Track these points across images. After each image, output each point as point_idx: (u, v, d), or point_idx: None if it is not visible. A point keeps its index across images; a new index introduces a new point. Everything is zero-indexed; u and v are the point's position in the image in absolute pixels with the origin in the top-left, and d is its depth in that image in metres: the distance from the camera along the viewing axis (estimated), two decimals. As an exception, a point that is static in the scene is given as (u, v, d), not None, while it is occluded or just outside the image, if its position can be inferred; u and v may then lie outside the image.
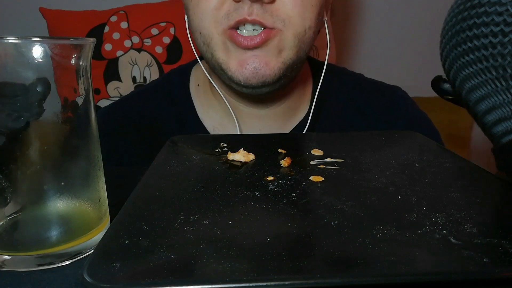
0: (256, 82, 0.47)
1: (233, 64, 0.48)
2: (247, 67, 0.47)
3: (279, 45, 0.47)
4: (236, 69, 0.48)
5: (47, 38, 0.24)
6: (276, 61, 0.48)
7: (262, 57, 0.47)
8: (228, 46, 0.48)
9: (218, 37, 0.48)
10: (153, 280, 0.20)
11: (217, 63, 0.49)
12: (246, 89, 0.50)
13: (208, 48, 0.49)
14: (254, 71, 0.47)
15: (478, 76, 0.29)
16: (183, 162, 0.38)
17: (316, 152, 0.40)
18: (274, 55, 0.47)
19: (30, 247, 0.25)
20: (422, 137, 0.46)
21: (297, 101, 0.59)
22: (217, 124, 0.59)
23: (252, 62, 0.47)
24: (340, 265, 0.21)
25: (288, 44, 0.48)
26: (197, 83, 0.61)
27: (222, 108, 0.58)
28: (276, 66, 0.47)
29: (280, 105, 0.57)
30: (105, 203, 0.29)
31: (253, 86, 0.48)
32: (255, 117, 0.57)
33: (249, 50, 0.47)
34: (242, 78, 0.47)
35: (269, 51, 0.47)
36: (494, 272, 0.21)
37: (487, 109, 0.29)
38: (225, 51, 0.48)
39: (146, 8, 1.15)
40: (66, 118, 0.26)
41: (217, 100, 0.59)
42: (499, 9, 0.26)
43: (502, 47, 0.26)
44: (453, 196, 0.30)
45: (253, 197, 0.30)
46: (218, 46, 0.48)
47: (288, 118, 0.59)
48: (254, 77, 0.47)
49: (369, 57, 1.43)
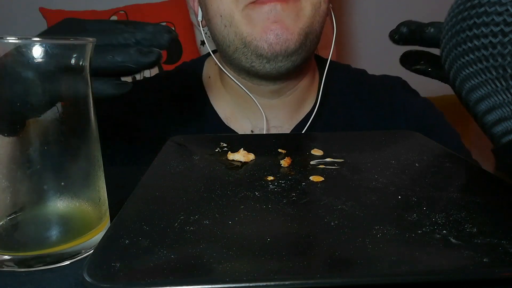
0: (280, 48, 0.50)
1: (258, 31, 0.50)
2: (270, 33, 0.50)
3: (298, 12, 0.51)
4: (261, 36, 0.50)
5: (47, 38, 0.24)
6: (295, 26, 0.50)
7: (282, 23, 0.50)
8: (251, 15, 0.50)
9: (239, 13, 0.50)
10: (153, 280, 0.20)
11: (240, 40, 0.51)
12: (269, 64, 0.52)
13: (230, 28, 0.52)
14: (277, 37, 0.50)
15: (478, 76, 0.29)
16: (183, 162, 0.38)
17: (316, 152, 0.40)
18: (293, 20, 0.50)
19: (30, 247, 0.25)
20: (422, 137, 0.46)
21: (305, 92, 0.61)
22: (229, 114, 0.61)
23: (275, 28, 0.50)
24: (340, 265, 0.22)
25: (306, 12, 0.51)
26: (208, 75, 0.64)
27: (234, 100, 0.60)
28: (296, 31, 0.50)
29: (291, 95, 0.59)
30: (105, 203, 0.29)
31: (276, 54, 0.50)
32: (267, 107, 0.59)
33: (272, 10, 0.49)
34: (267, 45, 0.50)
35: (289, 16, 0.50)
36: (494, 272, 0.21)
37: (487, 109, 0.29)
38: (248, 24, 0.50)
39: (146, 8, 1.15)
40: (66, 118, 0.26)
41: (227, 92, 0.61)
42: (499, 9, 0.26)
43: (502, 47, 0.26)
44: (453, 196, 0.30)
45: (253, 197, 0.30)
46: (240, 22, 0.51)
47: (296, 109, 0.61)
48: (278, 43, 0.50)
49: (369, 56, 1.43)
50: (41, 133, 0.25)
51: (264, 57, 0.51)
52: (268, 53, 0.50)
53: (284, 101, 0.60)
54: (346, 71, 0.68)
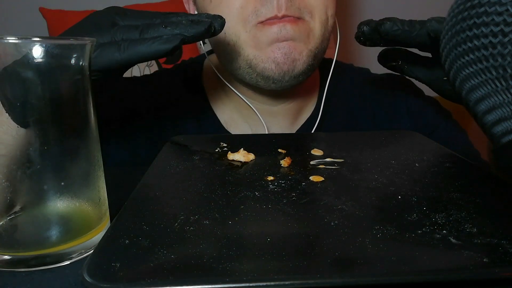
0: (288, 68, 0.48)
1: (265, 53, 0.48)
2: (278, 52, 0.48)
3: (308, 33, 0.49)
4: (268, 56, 0.48)
5: (47, 38, 0.24)
6: (305, 48, 0.49)
7: (292, 43, 0.48)
8: (259, 37, 0.48)
9: (246, 34, 0.48)
10: (153, 280, 0.20)
11: (245, 62, 0.50)
12: (275, 84, 0.50)
13: (234, 47, 0.50)
14: (286, 56, 0.48)
15: (478, 76, 0.29)
16: (183, 162, 0.38)
17: (316, 152, 0.40)
18: (303, 41, 0.49)
19: (30, 247, 0.25)
20: (422, 137, 0.46)
21: (307, 96, 0.60)
22: (227, 118, 0.59)
23: (283, 46, 0.48)
24: (340, 265, 0.22)
25: (316, 33, 0.50)
26: (208, 77, 0.62)
27: (233, 104, 0.59)
28: (304, 52, 0.49)
29: (291, 102, 0.58)
30: (105, 203, 0.29)
31: (283, 74, 0.49)
32: (267, 113, 0.58)
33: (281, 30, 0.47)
34: (275, 65, 0.48)
35: (299, 36, 0.48)
36: (494, 272, 0.21)
37: (487, 109, 0.29)
38: (255, 47, 0.49)
39: (146, 8, 1.15)
40: (66, 118, 0.26)
41: (227, 96, 0.59)
42: (499, 9, 0.26)
43: (502, 47, 0.26)
44: (453, 196, 0.30)
45: (253, 197, 0.30)
46: (246, 44, 0.49)
47: (297, 114, 0.60)
48: (286, 63, 0.48)
49: (369, 56, 1.43)
50: (41, 133, 0.25)
51: (271, 78, 0.49)
52: (275, 73, 0.48)
53: (285, 108, 0.58)
54: (349, 70, 0.66)
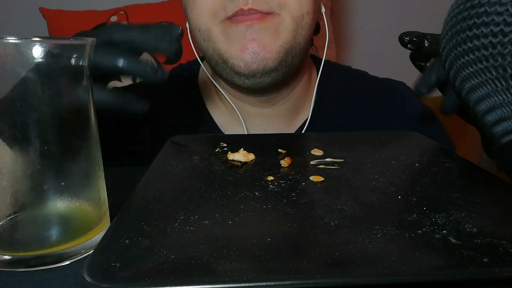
0: (257, 67, 0.48)
1: (234, 50, 0.48)
2: (246, 52, 0.48)
3: (277, 28, 0.48)
4: (237, 55, 0.48)
5: (47, 38, 0.24)
6: (274, 44, 0.48)
7: (260, 41, 0.48)
8: (228, 33, 0.49)
9: (216, 29, 0.49)
10: (153, 280, 0.20)
11: (219, 56, 0.50)
12: (248, 80, 0.50)
13: (208, 43, 0.50)
14: (254, 55, 0.48)
15: (478, 76, 0.29)
16: (183, 162, 0.38)
17: (316, 152, 0.40)
18: (272, 37, 0.48)
19: (30, 247, 0.25)
20: (422, 137, 0.46)
21: (302, 99, 0.60)
22: (223, 122, 0.59)
23: (251, 46, 0.48)
24: (340, 265, 0.21)
25: (286, 27, 0.49)
26: (203, 80, 0.62)
27: (227, 108, 0.59)
28: (274, 49, 0.48)
29: (284, 104, 0.58)
30: (105, 203, 0.29)
31: (254, 72, 0.49)
32: (261, 117, 0.58)
33: (248, 29, 0.47)
34: (243, 63, 0.48)
35: (267, 33, 0.48)
36: (494, 272, 0.21)
37: (487, 109, 0.29)
38: (225, 41, 0.49)
39: (146, 8, 1.15)
40: (66, 118, 0.26)
41: (221, 99, 0.59)
42: (499, 9, 0.26)
43: (502, 47, 0.26)
44: (453, 196, 0.30)
45: (253, 197, 0.30)
46: (217, 38, 0.49)
47: (293, 117, 0.59)
48: (254, 62, 0.48)
49: (369, 56, 1.43)
50: (41, 133, 0.25)
51: (241, 74, 0.49)
52: (245, 71, 0.49)
53: (278, 110, 0.58)
54: (345, 73, 0.65)
